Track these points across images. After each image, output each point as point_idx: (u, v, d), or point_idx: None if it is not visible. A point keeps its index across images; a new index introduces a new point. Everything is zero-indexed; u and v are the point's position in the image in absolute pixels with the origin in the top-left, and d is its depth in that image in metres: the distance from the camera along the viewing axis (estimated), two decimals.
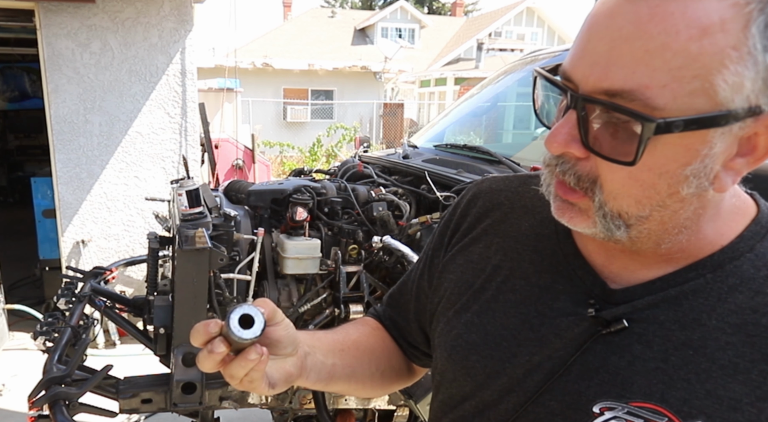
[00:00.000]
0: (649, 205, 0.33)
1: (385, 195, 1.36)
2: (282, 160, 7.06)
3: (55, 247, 2.76)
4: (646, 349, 0.36)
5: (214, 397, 1.13)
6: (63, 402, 0.96)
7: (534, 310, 0.40)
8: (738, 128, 0.31)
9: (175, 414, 1.17)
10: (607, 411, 0.35)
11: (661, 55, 0.29)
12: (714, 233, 0.36)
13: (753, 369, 0.33)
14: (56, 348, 1.07)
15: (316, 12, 15.34)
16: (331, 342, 0.48)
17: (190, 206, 1.12)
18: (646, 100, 0.30)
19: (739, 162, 0.33)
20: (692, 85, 0.29)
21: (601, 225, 0.35)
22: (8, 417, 1.98)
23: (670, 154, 0.31)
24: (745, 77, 0.29)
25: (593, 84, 0.31)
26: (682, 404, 0.34)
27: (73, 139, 2.51)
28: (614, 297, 0.38)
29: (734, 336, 0.34)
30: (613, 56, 0.30)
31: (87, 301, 1.28)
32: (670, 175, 0.32)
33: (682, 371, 0.34)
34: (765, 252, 0.36)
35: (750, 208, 0.38)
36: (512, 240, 0.44)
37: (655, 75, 0.29)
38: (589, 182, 0.34)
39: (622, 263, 0.38)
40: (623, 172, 0.32)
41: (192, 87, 2.65)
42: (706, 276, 0.36)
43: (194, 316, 1.06)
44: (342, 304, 1.25)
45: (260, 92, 9.66)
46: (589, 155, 0.33)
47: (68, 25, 2.41)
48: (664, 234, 0.35)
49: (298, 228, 1.27)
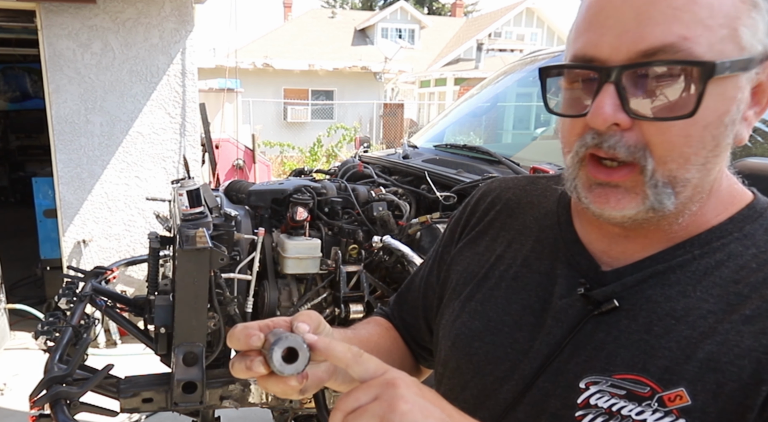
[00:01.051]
0: (696, 165, 0.34)
1: (385, 195, 1.36)
2: (282, 160, 7.06)
3: (56, 247, 2.77)
4: (632, 323, 0.36)
5: (214, 396, 1.13)
6: (64, 401, 0.96)
7: (534, 296, 0.41)
8: (755, 74, 0.33)
9: (176, 414, 1.18)
10: (592, 386, 0.36)
11: (689, 9, 0.31)
12: (711, 211, 0.37)
13: (731, 331, 0.33)
14: (57, 348, 1.07)
15: (316, 12, 15.35)
16: (359, 341, 0.47)
17: (191, 206, 1.12)
18: (688, 50, 0.31)
19: (750, 113, 0.34)
20: (721, 32, 0.31)
21: (652, 197, 0.34)
22: (9, 416, 1.98)
23: (712, 105, 0.32)
24: (758, 22, 0.32)
25: (628, 50, 0.32)
26: (663, 372, 0.34)
27: (74, 139, 2.52)
28: (605, 278, 0.39)
29: (716, 305, 0.35)
30: (643, 19, 0.31)
31: (88, 301, 1.28)
32: (714, 126, 0.33)
33: (663, 340, 0.35)
34: (754, 233, 0.37)
35: (746, 195, 0.39)
36: (516, 232, 0.45)
37: (689, 26, 0.30)
38: (639, 150, 0.33)
39: (622, 248, 0.39)
40: (673, 131, 0.32)
41: (193, 87, 2.65)
42: (693, 252, 0.37)
43: (195, 316, 1.07)
44: (342, 304, 1.25)
45: (261, 92, 9.67)
46: (632, 125, 0.33)
47: (69, 25, 2.42)
48: (690, 203, 0.35)
49: (298, 228, 1.28)
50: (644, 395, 0.34)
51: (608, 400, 0.35)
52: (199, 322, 1.07)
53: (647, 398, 0.34)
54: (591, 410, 0.35)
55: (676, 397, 0.33)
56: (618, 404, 0.35)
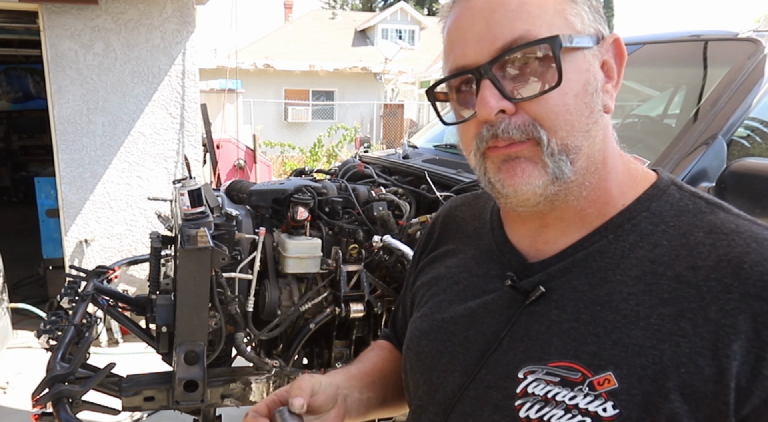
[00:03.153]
0: (581, 132, 0.38)
1: (385, 195, 1.36)
2: (283, 160, 7.07)
3: (59, 247, 2.78)
4: (562, 312, 0.39)
5: (215, 395, 1.14)
6: (66, 399, 0.97)
7: (471, 295, 0.45)
8: (597, 51, 0.39)
9: (177, 412, 1.18)
10: (530, 375, 0.38)
11: (524, 9, 0.37)
12: (616, 190, 0.41)
13: (652, 315, 0.35)
14: (59, 347, 1.08)
15: (316, 13, 15.36)
16: (363, 377, 0.52)
17: (192, 206, 1.13)
18: (535, 36, 0.37)
19: (609, 86, 0.40)
20: (555, 21, 0.37)
21: (552, 165, 0.38)
22: (12, 415, 1.99)
23: (572, 76, 0.37)
24: (582, 10, 0.38)
25: (488, 50, 0.37)
26: (592, 358, 0.36)
27: (77, 140, 2.53)
28: (532, 270, 0.42)
29: (635, 287, 0.37)
30: (492, 25, 0.37)
31: (90, 300, 1.29)
32: (582, 94, 0.38)
33: (591, 326, 0.37)
34: (660, 209, 0.40)
35: (650, 176, 0.42)
36: (462, 244, 0.50)
37: (530, 21, 0.37)
38: (531, 126, 0.38)
39: (544, 238, 0.42)
40: (553, 101, 0.37)
41: (194, 88, 2.66)
42: (608, 237, 0.40)
43: (196, 315, 1.07)
44: (343, 303, 1.26)
45: (261, 93, 9.68)
46: (517, 110, 0.38)
47: (71, 26, 2.43)
48: (587, 173, 0.39)
49: (299, 228, 1.28)
50: (576, 380, 0.36)
51: (544, 388, 0.37)
52: (201, 321, 1.08)
53: (579, 383, 0.36)
54: (529, 398, 0.37)
55: (604, 381, 0.35)
56: (553, 390, 0.37)
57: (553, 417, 0.36)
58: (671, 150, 1.04)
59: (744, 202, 0.90)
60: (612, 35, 0.40)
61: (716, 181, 0.95)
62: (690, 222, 0.38)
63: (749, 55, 1.06)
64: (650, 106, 1.46)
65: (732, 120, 1.01)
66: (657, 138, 1.26)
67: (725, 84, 1.05)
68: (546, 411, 0.36)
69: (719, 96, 1.04)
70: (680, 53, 1.28)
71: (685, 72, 1.31)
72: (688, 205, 0.39)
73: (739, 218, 0.38)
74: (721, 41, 1.18)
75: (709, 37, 1.20)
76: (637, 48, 1.37)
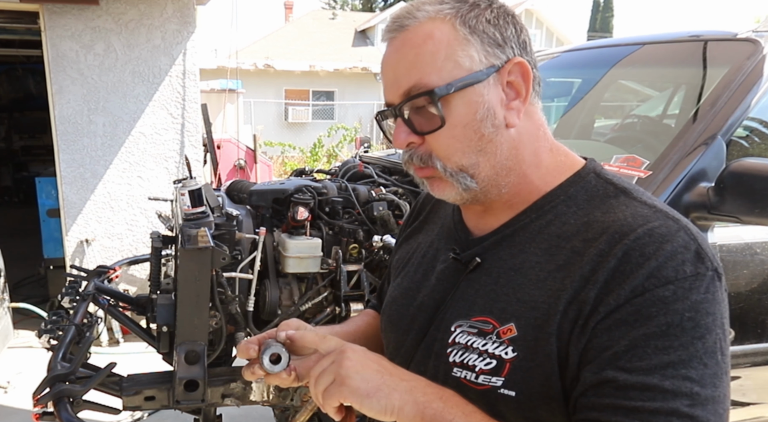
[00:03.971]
0: (473, 152, 0.46)
1: (385, 194, 1.37)
2: (283, 160, 7.07)
3: (60, 246, 2.78)
4: (487, 278, 0.48)
5: (216, 394, 1.14)
6: (67, 399, 0.97)
7: (430, 266, 0.54)
8: (494, 80, 0.45)
9: (178, 411, 1.19)
10: (458, 328, 0.47)
11: (418, 60, 0.45)
12: (540, 180, 0.48)
13: (548, 278, 0.44)
14: (60, 346, 1.08)
15: (317, 14, 15.36)
16: (345, 334, 0.59)
17: (193, 206, 1.13)
18: (426, 85, 0.45)
19: (515, 103, 0.46)
20: (447, 65, 0.44)
21: (456, 183, 0.47)
22: (13, 414, 2.00)
23: (462, 110, 0.45)
24: (471, 50, 0.45)
25: (397, 94, 0.46)
26: (501, 312, 0.45)
27: (77, 140, 2.54)
28: (473, 244, 0.51)
29: (542, 257, 0.45)
30: (398, 75, 0.46)
31: (91, 300, 1.29)
32: (471, 124, 0.45)
33: (505, 288, 0.46)
34: (576, 194, 0.47)
35: (576, 165, 0.49)
36: (432, 223, 0.59)
37: (422, 69, 0.45)
38: (428, 157, 0.47)
39: (485, 220, 0.51)
40: (443, 136, 0.46)
41: (194, 88, 2.66)
42: (531, 216, 0.48)
43: (197, 314, 1.07)
44: (343, 303, 1.26)
45: (262, 93, 9.69)
46: (422, 140, 0.47)
47: (72, 27, 2.43)
48: (498, 176, 0.47)
49: (299, 228, 1.28)
50: (488, 331, 0.45)
51: (466, 337, 0.46)
52: (201, 321, 1.08)
53: (490, 333, 0.45)
54: (456, 346, 0.47)
55: (507, 330, 0.44)
56: (471, 339, 0.46)
57: (470, 360, 0.45)
58: (671, 150, 1.04)
59: (743, 201, 0.90)
60: (513, 59, 0.46)
61: (715, 180, 0.95)
62: (596, 205, 0.45)
63: (748, 55, 1.06)
64: (650, 106, 1.46)
65: (731, 120, 1.01)
66: (656, 138, 1.27)
67: (724, 84, 1.05)
68: (466, 356, 0.45)
69: (718, 96, 1.04)
70: (680, 53, 1.28)
71: (685, 72, 1.32)
72: (599, 190, 0.47)
73: (635, 200, 0.44)
74: (720, 41, 1.18)
75: (708, 38, 1.20)
76: (636, 48, 1.37)
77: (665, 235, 0.40)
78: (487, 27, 0.45)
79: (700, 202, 0.96)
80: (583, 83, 1.51)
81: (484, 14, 0.45)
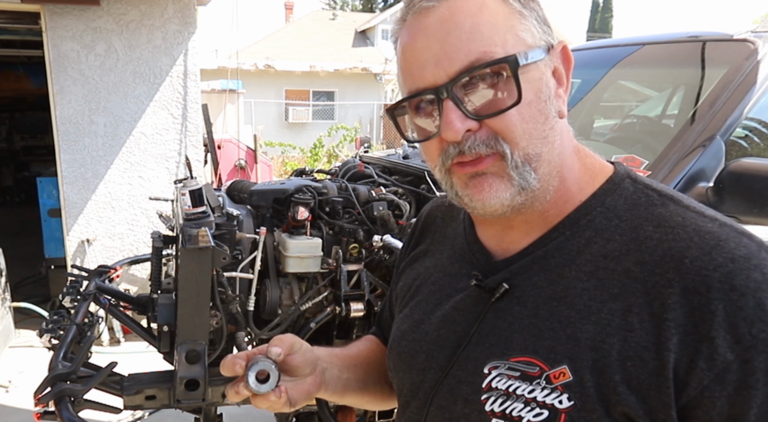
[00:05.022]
0: (539, 139, 0.39)
1: (385, 194, 1.37)
2: (284, 160, 7.08)
3: (61, 246, 2.79)
4: (523, 309, 0.40)
5: (216, 394, 1.14)
6: (68, 398, 0.97)
7: (444, 295, 0.47)
8: (548, 61, 0.40)
9: (179, 411, 1.19)
10: (494, 370, 0.40)
11: (477, 31, 0.38)
12: (575, 187, 0.42)
13: (603, 309, 0.37)
14: (61, 346, 1.08)
15: (317, 14, 15.36)
16: (345, 358, 0.54)
17: (194, 206, 1.13)
18: (492, 57, 0.38)
19: (560, 91, 0.41)
20: (508, 39, 0.38)
21: (517, 177, 0.39)
22: (14, 413, 2.00)
23: (528, 88, 0.39)
24: (529, 25, 0.39)
25: (446, 73, 0.38)
26: (549, 352, 0.38)
27: (78, 140, 2.54)
28: (497, 268, 0.43)
29: (588, 282, 0.38)
30: (448, 49, 0.38)
31: (92, 299, 1.29)
32: (536, 102, 0.39)
33: (548, 322, 0.39)
34: (614, 204, 0.41)
35: (607, 170, 0.43)
36: (440, 244, 0.51)
37: (483, 42, 0.38)
38: (494, 141, 0.39)
39: (509, 238, 0.44)
40: (511, 117, 0.38)
41: (195, 88, 2.67)
42: (566, 234, 0.41)
43: (197, 314, 1.08)
44: (343, 302, 1.26)
45: (262, 93, 9.69)
46: (480, 125, 0.39)
47: (73, 27, 2.44)
48: (550, 177, 0.41)
49: (299, 228, 1.29)
50: (534, 374, 0.38)
51: (506, 382, 0.39)
52: (202, 320, 1.08)
53: (537, 377, 0.38)
54: (493, 392, 0.39)
55: (560, 374, 0.37)
56: (514, 385, 0.38)
57: (514, 410, 0.38)
58: (670, 150, 1.04)
59: (742, 201, 0.91)
60: (560, 43, 0.41)
61: (714, 181, 0.95)
62: (641, 216, 0.39)
63: (747, 55, 1.06)
64: (649, 106, 1.47)
65: (730, 120, 1.01)
66: (655, 138, 1.27)
67: (723, 84, 1.05)
68: (508, 405, 0.38)
69: (717, 96, 1.05)
70: (678, 54, 1.28)
71: (684, 73, 1.32)
72: (641, 198, 0.40)
73: (688, 210, 0.39)
74: (718, 42, 1.18)
75: (706, 38, 1.21)
76: (636, 49, 1.37)
77: (749, 259, 0.34)
78: (534, 4, 0.40)
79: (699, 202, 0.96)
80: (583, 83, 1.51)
81: None
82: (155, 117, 2.63)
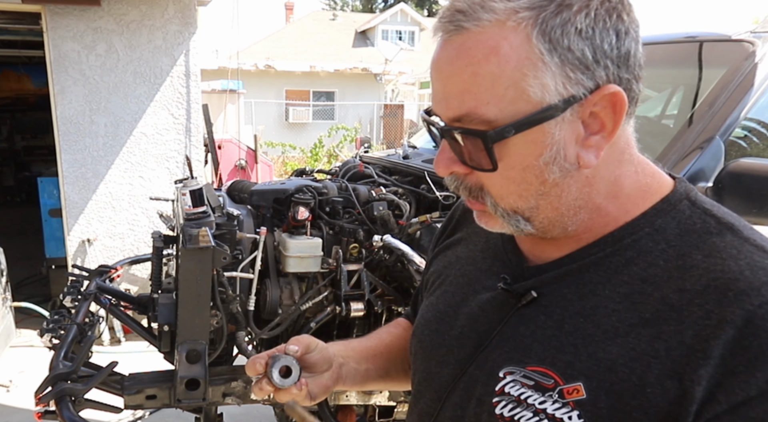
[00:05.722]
0: (532, 197, 0.38)
1: (385, 194, 1.37)
2: (284, 161, 7.08)
3: (61, 246, 2.79)
4: (548, 319, 0.39)
5: (217, 393, 1.15)
6: (69, 398, 0.98)
7: (472, 289, 0.46)
8: (570, 115, 0.35)
9: (179, 410, 1.19)
10: (509, 375, 0.39)
11: (474, 82, 0.35)
12: (618, 210, 0.39)
13: (631, 333, 0.35)
14: (62, 345, 1.09)
15: (317, 15, 15.38)
16: (363, 350, 0.55)
17: (194, 206, 1.14)
18: (481, 117, 0.35)
19: (595, 139, 0.37)
20: (508, 94, 0.35)
21: (506, 223, 0.39)
22: (15, 413, 2.00)
23: (521, 152, 0.36)
24: (546, 77, 0.34)
25: (444, 115, 0.38)
26: (566, 367, 0.37)
27: (79, 140, 2.55)
28: (528, 273, 0.42)
29: (620, 304, 0.37)
30: (447, 92, 0.37)
31: (92, 299, 1.30)
32: (531, 168, 0.37)
33: (571, 337, 0.38)
34: (665, 227, 0.38)
35: (663, 188, 0.40)
36: (474, 235, 0.50)
37: (478, 97, 0.35)
38: (477, 191, 0.39)
39: (542, 247, 0.43)
40: (497, 176, 0.37)
41: (195, 88, 2.67)
42: (606, 250, 0.39)
43: (198, 314, 1.08)
44: (343, 302, 1.26)
45: (263, 93, 9.69)
46: (470, 170, 0.38)
47: (74, 27, 2.44)
48: (563, 217, 0.39)
49: (299, 228, 1.29)
50: (548, 386, 0.37)
51: (519, 389, 0.38)
52: (202, 320, 1.09)
53: (550, 389, 0.37)
54: (505, 397, 0.39)
55: (573, 390, 0.36)
56: (526, 393, 0.38)
57: (522, 418, 0.37)
58: (669, 150, 1.04)
59: (741, 201, 0.91)
60: (604, 89, 0.35)
61: (713, 181, 0.96)
62: (692, 244, 0.36)
63: (746, 56, 1.07)
64: (648, 106, 1.47)
65: (729, 120, 1.02)
66: (655, 138, 1.27)
67: (722, 85, 1.06)
68: (518, 412, 0.38)
69: (716, 97, 1.05)
70: (678, 54, 1.29)
71: (683, 73, 1.32)
72: (696, 224, 0.37)
73: (746, 243, 0.35)
74: (718, 43, 1.18)
75: (705, 39, 1.21)
76: None
77: None
78: (575, 41, 0.33)
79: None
80: None
81: (575, 20, 0.33)
82: (156, 117, 2.63)
